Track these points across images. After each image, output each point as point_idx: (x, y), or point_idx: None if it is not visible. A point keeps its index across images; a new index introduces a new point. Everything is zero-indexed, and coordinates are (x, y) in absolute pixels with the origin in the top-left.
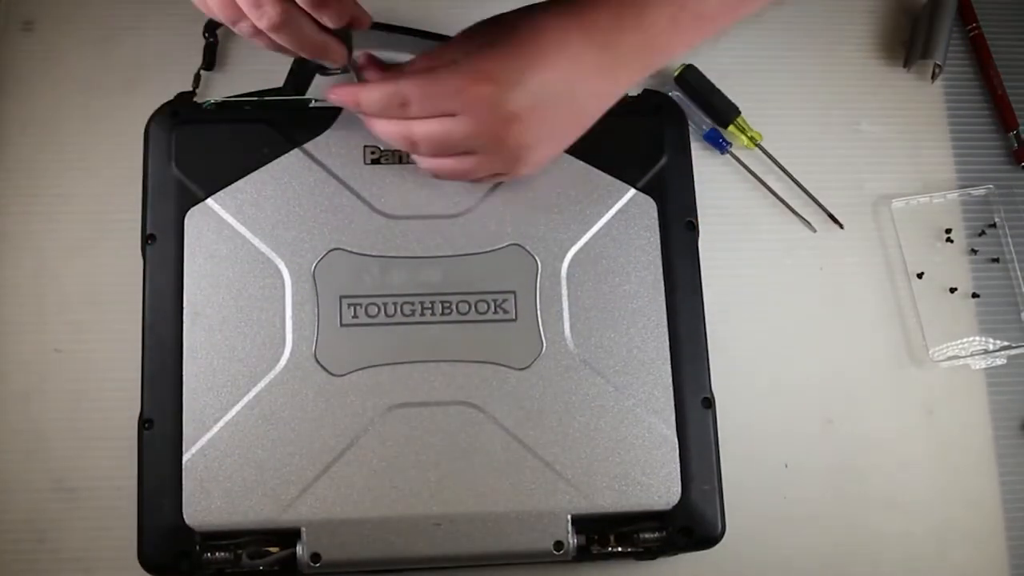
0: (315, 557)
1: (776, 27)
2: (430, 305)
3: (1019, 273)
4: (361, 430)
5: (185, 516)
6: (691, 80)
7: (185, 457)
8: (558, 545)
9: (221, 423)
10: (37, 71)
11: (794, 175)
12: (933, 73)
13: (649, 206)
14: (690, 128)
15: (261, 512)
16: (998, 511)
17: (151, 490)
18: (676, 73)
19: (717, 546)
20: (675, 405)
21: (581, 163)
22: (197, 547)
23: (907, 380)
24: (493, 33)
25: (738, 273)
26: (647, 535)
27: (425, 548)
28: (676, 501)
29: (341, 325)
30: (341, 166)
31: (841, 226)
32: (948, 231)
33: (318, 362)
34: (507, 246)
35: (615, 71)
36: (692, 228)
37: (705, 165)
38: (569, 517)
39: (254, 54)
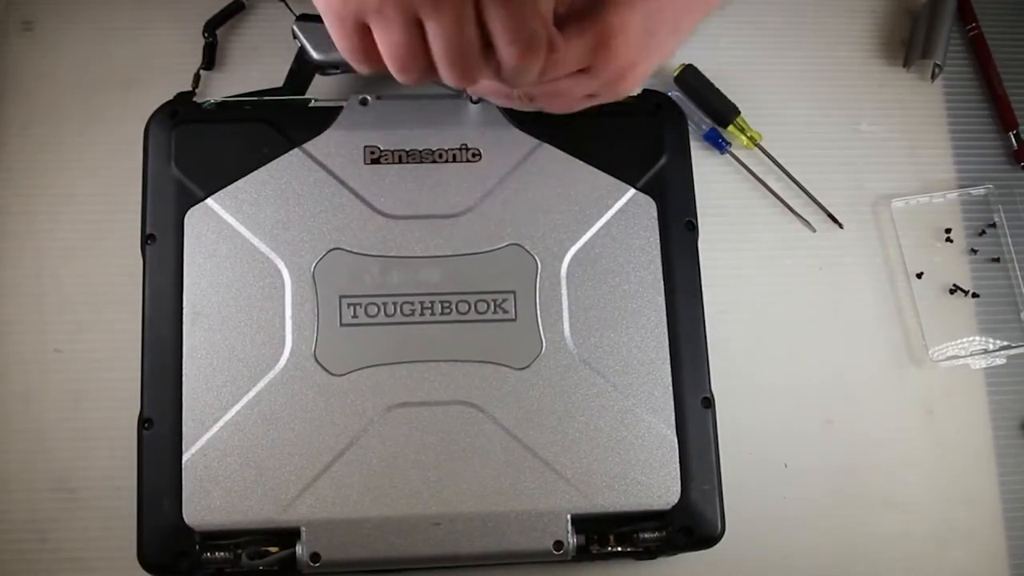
0: (315, 557)
1: (776, 27)
2: (430, 305)
3: (1019, 273)
4: (361, 430)
5: (185, 516)
6: (691, 80)
7: (185, 457)
8: (558, 545)
9: (221, 423)
10: (37, 71)
11: (794, 175)
12: (933, 73)
13: (649, 206)
14: (690, 128)
15: (261, 512)
16: (998, 511)
17: (151, 490)
18: (676, 73)
19: (717, 546)
20: (675, 405)
21: (581, 163)
22: (197, 547)
23: (907, 380)
24: None
25: (738, 273)
26: (647, 535)
27: (425, 548)
28: (676, 501)
29: (341, 325)
30: (341, 166)
31: (841, 226)
32: (948, 231)
33: (318, 362)
34: (507, 246)
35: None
36: (692, 228)
37: (705, 165)
38: (569, 517)
39: (254, 54)
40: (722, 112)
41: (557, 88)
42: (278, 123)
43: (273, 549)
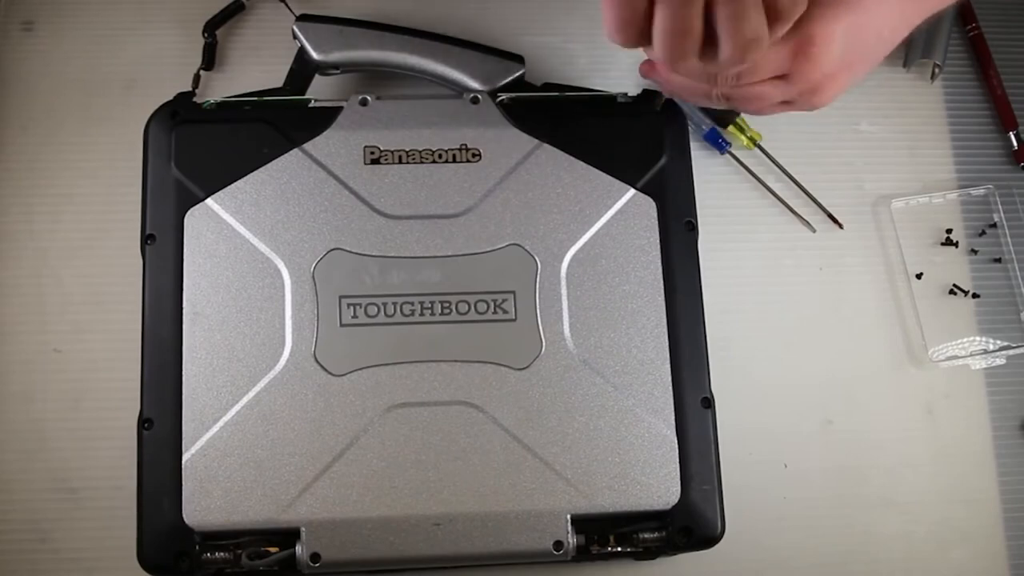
0: (315, 557)
1: None
2: (430, 305)
3: (1019, 273)
4: (361, 430)
5: (185, 516)
6: None
7: (185, 457)
8: (558, 545)
9: (221, 423)
10: (37, 71)
11: (794, 175)
12: (933, 73)
13: (649, 206)
14: (690, 128)
15: (261, 512)
16: (997, 510)
17: (151, 490)
18: None
19: (717, 546)
20: (675, 405)
21: (581, 163)
22: (197, 547)
23: (907, 380)
24: None
25: (738, 273)
26: (647, 535)
27: (425, 548)
28: (676, 501)
29: (341, 325)
30: (341, 166)
31: (841, 226)
32: (948, 231)
33: (318, 362)
34: (507, 246)
35: (909, 13)
36: (692, 228)
37: (705, 165)
38: (569, 517)
39: (254, 54)
40: (722, 112)
41: (754, 91)
42: (278, 123)
43: (273, 549)
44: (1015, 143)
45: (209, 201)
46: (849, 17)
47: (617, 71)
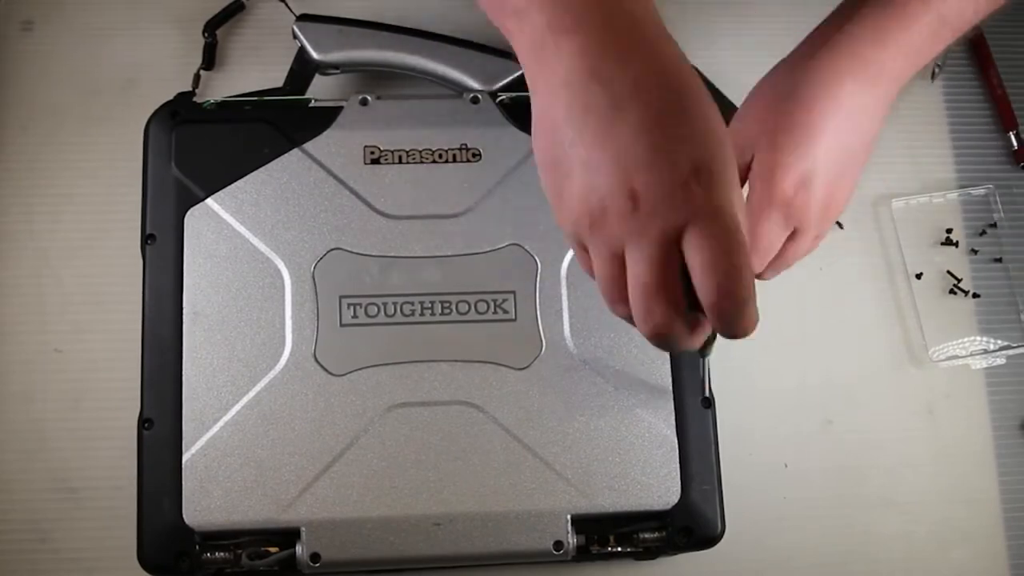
0: (315, 557)
1: (776, 27)
2: (430, 305)
3: (1019, 273)
4: (361, 430)
5: (185, 516)
6: None
7: (185, 457)
8: (558, 545)
9: (221, 423)
10: (37, 71)
11: None
12: (933, 73)
13: None
14: None
15: (261, 512)
16: (998, 510)
17: (151, 490)
18: None
19: (717, 546)
20: (675, 405)
21: None
22: (197, 547)
23: (907, 380)
24: (776, 119)
25: None
26: (647, 535)
27: (425, 548)
28: (676, 501)
29: (341, 325)
30: (341, 166)
31: (841, 226)
32: (948, 231)
33: (318, 362)
34: (507, 246)
35: (881, 99)
36: None
37: None
38: (569, 517)
39: (254, 54)
40: (722, 112)
41: (781, 264)
42: (278, 123)
43: (273, 549)
44: (1015, 143)
45: (209, 201)
46: (812, 151)
47: None
